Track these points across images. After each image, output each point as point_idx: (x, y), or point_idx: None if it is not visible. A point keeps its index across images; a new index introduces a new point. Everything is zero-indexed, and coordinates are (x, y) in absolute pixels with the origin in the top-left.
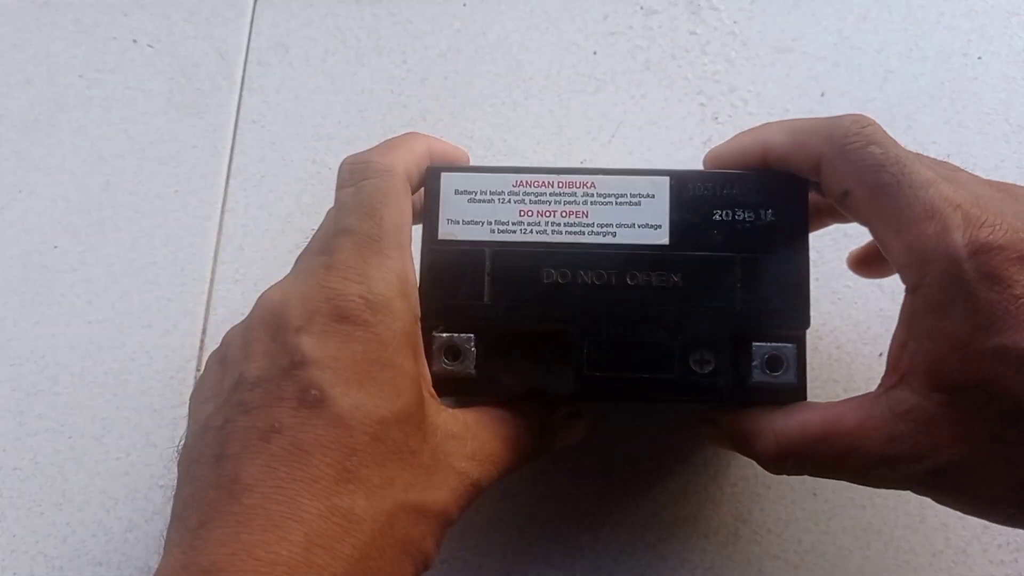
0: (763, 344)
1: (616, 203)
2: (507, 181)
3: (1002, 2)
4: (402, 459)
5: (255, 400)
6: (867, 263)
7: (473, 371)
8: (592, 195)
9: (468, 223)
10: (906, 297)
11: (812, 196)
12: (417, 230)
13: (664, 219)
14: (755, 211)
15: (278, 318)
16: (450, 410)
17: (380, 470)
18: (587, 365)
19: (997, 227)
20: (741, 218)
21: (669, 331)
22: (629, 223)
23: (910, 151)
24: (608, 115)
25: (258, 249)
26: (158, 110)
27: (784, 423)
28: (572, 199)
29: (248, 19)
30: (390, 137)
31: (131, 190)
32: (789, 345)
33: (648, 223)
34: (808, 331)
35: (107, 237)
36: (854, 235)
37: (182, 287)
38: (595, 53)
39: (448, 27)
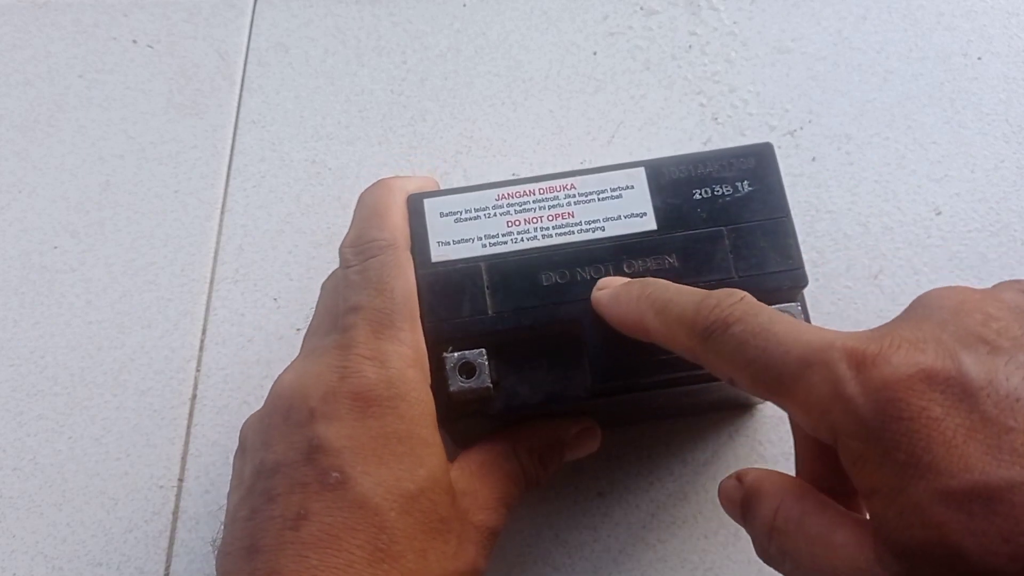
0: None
1: (599, 199)
2: (489, 196)
3: (1002, 2)
4: (433, 529)
5: (277, 487)
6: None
7: (490, 384)
8: (574, 195)
9: (459, 242)
10: None
11: None
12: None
13: (648, 206)
14: (732, 184)
15: (293, 402)
16: (456, 465)
17: (412, 543)
18: (600, 360)
19: (888, 352)
20: (720, 193)
21: None
22: (615, 215)
23: (781, 311)
24: (608, 115)
25: (258, 249)
26: (158, 110)
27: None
28: (556, 202)
29: (248, 19)
30: (363, 194)
31: (131, 190)
32: (793, 304)
33: (633, 212)
34: None
35: (107, 237)
36: (854, 235)
37: (182, 287)
38: (595, 53)
39: (448, 27)
